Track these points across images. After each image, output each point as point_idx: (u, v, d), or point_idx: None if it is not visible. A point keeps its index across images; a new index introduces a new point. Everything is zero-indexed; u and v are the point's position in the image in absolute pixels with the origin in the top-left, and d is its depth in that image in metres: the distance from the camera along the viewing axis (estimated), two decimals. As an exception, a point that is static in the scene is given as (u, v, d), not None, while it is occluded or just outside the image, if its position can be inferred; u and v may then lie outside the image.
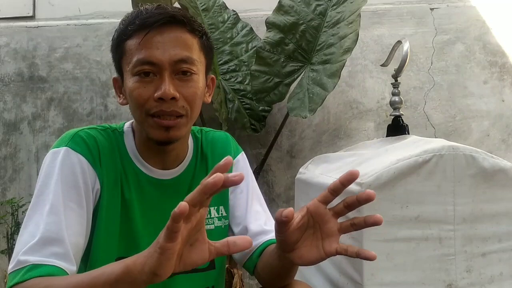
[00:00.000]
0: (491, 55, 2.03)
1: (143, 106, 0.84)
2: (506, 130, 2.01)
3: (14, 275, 0.74)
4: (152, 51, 0.83)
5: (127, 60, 0.86)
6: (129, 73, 0.86)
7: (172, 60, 0.83)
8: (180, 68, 0.84)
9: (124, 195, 0.90)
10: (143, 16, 0.85)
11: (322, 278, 1.27)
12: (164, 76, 0.83)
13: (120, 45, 0.88)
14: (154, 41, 0.83)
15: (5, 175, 2.09)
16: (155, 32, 0.83)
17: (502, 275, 1.13)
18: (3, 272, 1.95)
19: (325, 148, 2.01)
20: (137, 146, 0.93)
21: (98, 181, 0.87)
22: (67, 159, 0.84)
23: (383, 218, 1.06)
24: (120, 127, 0.95)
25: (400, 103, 1.55)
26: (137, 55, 0.84)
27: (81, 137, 0.87)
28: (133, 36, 0.85)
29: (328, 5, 1.75)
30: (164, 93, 0.82)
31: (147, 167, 0.92)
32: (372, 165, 1.15)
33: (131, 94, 0.85)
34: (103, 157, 0.88)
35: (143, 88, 0.84)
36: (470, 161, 1.11)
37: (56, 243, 0.77)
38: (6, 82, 2.13)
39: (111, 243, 0.88)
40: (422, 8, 2.07)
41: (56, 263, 0.75)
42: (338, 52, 1.66)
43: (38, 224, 0.78)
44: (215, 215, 0.98)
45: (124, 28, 0.87)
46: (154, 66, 0.83)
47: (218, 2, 1.95)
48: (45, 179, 0.84)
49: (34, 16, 2.17)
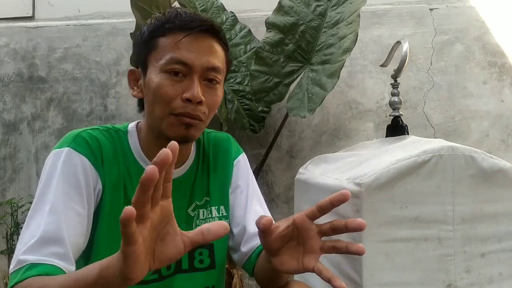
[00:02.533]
0: (490, 56, 2.03)
1: (168, 104, 0.85)
2: (506, 130, 2.01)
3: (15, 275, 0.74)
4: (188, 53, 0.85)
5: (157, 55, 0.87)
6: (157, 69, 0.86)
7: (205, 66, 0.86)
8: (208, 75, 0.87)
9: (128, 195, 0.90)
10: (184, 18, 0.88)
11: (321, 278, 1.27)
12: (194, 79, 0.85)
13: (151, 40, 0.89)
14: (192, 44, 0.86)
15: (4, 175, 2.09)
16: (193, 37, 0.86)
17: (501, 275, 1.13)
18: (2, 272, 1.95)
19: (324, 148, 2.01)
20: (142, 146, 0.93)
21: (100, 181, 0.87)
22: (69, 159, 0.84)
23: (382, 218, 1.07)
24: (124, 127, 0.95)
25: (400, 103, 1.55)
26: (172, 53, 0.85)
27: (84, 138, 0.87)
28: (169, 34, 0.87)
29: (327, 5, 1.75)
30: (193, 96, 0.84)
31: None
32: (371, 165, 1.15)
33: (156, 90, 0.86)
34: (106, 158, 0.88)
35: (171, 87, 0.85)
36: (470, 161, 1.11)
37: (55, 242, 0.77)
38: (6, 83, 2.13)
39: (113, 243, 0.88)
40: (421, 9, 2.07)
41: (55, 262, 0.75)
42: (337, 52, 1.66)
43: (39, 224, 0.78)
44: (216, 214, 0.99)
45: (160, 25, 0.89)
46: (186, 68, 0.85)
47: (217, 3, 1.95)
48: (46, 180, 0.83)
49: (33, 16, 2.17)
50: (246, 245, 0.97)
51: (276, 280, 0.91)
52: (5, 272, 1.91)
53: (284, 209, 2.00)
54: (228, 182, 1.01)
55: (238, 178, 1.02)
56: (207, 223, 0.65)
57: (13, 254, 0.79)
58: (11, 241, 1.91)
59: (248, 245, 0.97)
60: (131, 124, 0.97)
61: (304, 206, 1.43)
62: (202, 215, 0.97)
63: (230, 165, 1.03)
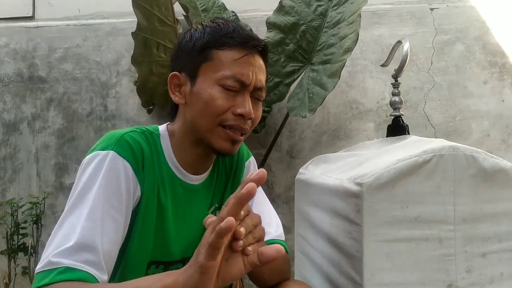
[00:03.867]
0: (491, 55, 2.03)
1: (218, 116, 0.87)
2: (506, 130, 2.01)
3: (44, 275, 0.73)
4: (246, 71, 0.88)
5: (213, 67, 0.88)
6: (212, 81, 0.88)
7: (257, 85, 0.90)
8: (256, 94, 0.92)
9: (160, 199, 0.90)
10: (241, 34, 0.90)
11: (321, 278, 1.27)
12: (246, 96, 0.89)
13: (206, 51, 0.89)
14: (249, 62, 0.89)
15: (4, 175, 2.09)
16: (252, 55, 0.90)
17: (502, 276, 1.13)
18: (2, 273, 1.94)
19: (325, 148, 2.01)
20: (174, 150, 0.93)
21: (139, 187, 0.86)
22: (113, 164, 0.83)
23: (383, 218, 1.07)
24: (156, 129, 0.95)
25: (400, 103, 1.55)
26: (231, 69, 0.87)
27: (127, 142, 0.86)
28: (228, 49, 0.88)
29: (328, 5, 1.75)
30: (247, 112, 0.88)
31: (181, 171, 0.94)
32: (372, 165, 1.15)
33: (210, 101, 0.87)
34: (146, 163, 0.88)
35: (225, 100, 0.87)
36: (471, 161, 1.11)
37: (90, 249, 0.76)
38: (6, 83, 2.12)
39: (145, 248, 0.89)
40: (422, 8, 2.07)
41: (89, 269, 0.74)
42: (338, 52, 1.66)
43: (75, 227, 0.77)
44: None
45: (217, 37, 0.89)
46: (242, 86, 0.88)
47: (218, 3, 1.95)
48: (88, 182, 0.81)
49: (33, 16, 2.17)
50: None
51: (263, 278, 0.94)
52: (5, 272, 1.91)
53: (284, 209, 2.00)
54: (239, 183, 1.03)
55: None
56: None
57: (13, 254, 0.79)
58: (11, 241, 1.91)
59: None
60: (161, 127, 0.97)
61: (304, 207, 1.43)
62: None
63: (242, 167, 1.08)
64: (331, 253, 1.21)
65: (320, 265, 1.29)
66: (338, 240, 1.16)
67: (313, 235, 1.34)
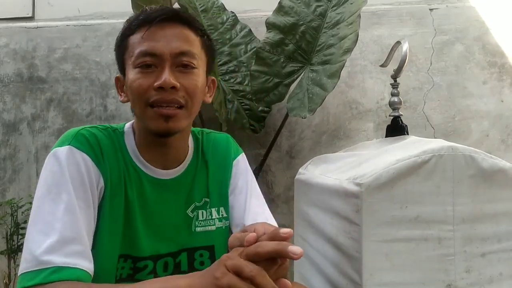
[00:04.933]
0: (490, 56, 2.03)
1: (142, 96, 0.85)
2: (506, 130, 2.01)
3: (34, 275, 0.72)
4: (154, 43, 0.85)
5: (129, 54, 0.88)
6: (131, 66, 0.87)
7: (174, 52, 0.85)
8: (181, 61, 0.86)
9: (127, 193, 0.90)
10: (147, 12, 0.88)
11: (321, 279, 1.27)
12: (165, 67, 0.85)
13: (123, 41, 0.90)
14: (156, 34, 0.86)
15: (4, 175, 2.09)
16: (157, 27, 0.86)
17: (501, 275, 1.13)
18: (2, 273, 1.95)
19: (324, 148, 2.01)
20: (138, 146, 0.93)
21: (102, 179, 0.87)
22: (71, 157, 0.84)
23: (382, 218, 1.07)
24: (121, 127, 0.95)
25: (400, 103, 1.55)
26: (139, 47, 0.85)
27: (84, 136, 0.87)
28: (136, 31, 0.87)
29: (328, 6, 1.75)
30: (164, 82, 0.84)
31: (148, 167, 0.93)
32: (371, 165, 1.15)
33: (131, 86, 0.86)
34: (106, 155, 0.88)
35: (143, 79, 0.85)
36: (470, 161, 1.11)
37: (75, 241, 0.77)
38: (6, 83, 2.13)
39: (114, 241, 0.88)
40: (421, 9, 2.07)
41: (79, 264, 0.75)
42: (337, 52, 1.66)
43: (51, 223, 0.77)
44: (216, 216, 0.98)
45: (128, 25, 0.90)
46: (156, 58, 0.85)
47: (217, 3, 1.95)
48: (51, 177, 0.82)
49: (33, 16, 2.17)
50: None
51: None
52: (5, 272, 1.91)
53: (284, 209, 2.00)
54: (227, 183, 1.01)
55: (237, 179, 1.02)
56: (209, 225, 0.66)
57: (13, 254, 0.79)
58: (11, 241, 1.91)
59: None
60: (127, 124, 0.97)
61: (304, 207, 1.43)
62: (202, 216, 0.97)
63: (229, 166, 1.03)
64: (330, 253, 1.21)
65: (319, 265, 1.29)
66: (337, 240, 1.17)
67: (312, 235, 1.34)
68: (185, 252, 0.94)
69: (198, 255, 0.95)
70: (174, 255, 0.93)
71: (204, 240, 0.96)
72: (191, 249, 0.95)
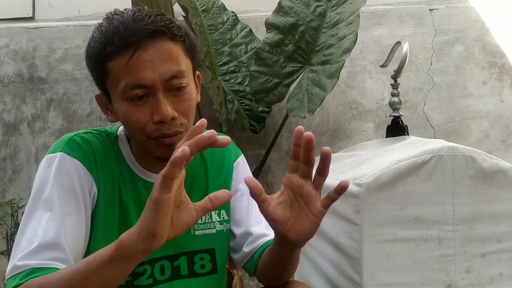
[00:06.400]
0: (490, 56, 2.03)
1: (142, 130, 0.82)
2: (506, 130, 2.01)
3: (12, 280, 0.73)
4: (141, 73, 0.79)
5: (113, 82, 0.82)
6: (119, 97, 0.82)
7: (164, 78, 0.80)
8: (173, 85, 0.81)
9: (122, 198, 0.89)
10: (122, 34, 0.79)
11: (321, 279, 1.27)
12: (159, 97, 0.80)
13: (101, 66, 0.83)
14: (141, 61, 0.79)
15: (4, 176, 2.09)
16: (140, 51, 0.78)
17: (501, 276, 1.13)
18: (2, 273, 1.95)
19: (324, 148, 2.01)
20: (133, 152, 0.92)
21: (95, 184, 0.86)
22: (62, 164, 0.83)
23: (382, 218, 1.07)
24: (114, 131, 0.94)
25: (400, 103, 1.55)
26: (126, 78, 0.80)
27: (76, 142, 0.86)
28: (115, 57, 0.80)
29: (327, 6, 1.76)
30: (163, 116, 0.80)
31: (141, 170, 0.92)
32: (371, 165, 1.15)
33: (127, 120, 0.83)
34: (99, 161, 0.87)
35: (139, 112, 0.81)
36: (470, 161, 1.11)
37: (55, 247, 0.76)
38: (6, 83, 2.12)
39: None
40: (421, 9, 2.07)
41: (57, 265, 0.74)
42: (337, 52, 1.66)
43: (35, 230, 0.77)
44: (217, 219, 0.97)
45: (102, 49, 0.82)
46: (147, 88, 0.80)
47: (218, 3, 1.95)
48: (40, 185, 0.82)
49: (33, 17, 2.17)
50: (249, 246, 0.96)
51: (287, 266, 0.90)
52: (5, 272, 1.91)
53: (284, 209, 2.00)
54: (228, 186, 1.00)
55: (238, 181, 1.01)
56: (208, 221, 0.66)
57: (13, 255, 0.79)
58: (11, 241, 1.91)
59: (251, 245, 0.96)
60: (120, 127, 0.94)
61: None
62: (201, 219, 0.95)
63: (229, 168, 1.01)
64: (331, 253, 1.21)
65: (320, 265, 1.29)
66: (338, 240, 1.17)
67: (312, 236, 1.34)
68: (184, 256, 0.93)
69: (198, 258, 0.95)
70: (171, 258, 0.92)
71: (204, 244, 0.95)
72: (190, 253, 0.94)
